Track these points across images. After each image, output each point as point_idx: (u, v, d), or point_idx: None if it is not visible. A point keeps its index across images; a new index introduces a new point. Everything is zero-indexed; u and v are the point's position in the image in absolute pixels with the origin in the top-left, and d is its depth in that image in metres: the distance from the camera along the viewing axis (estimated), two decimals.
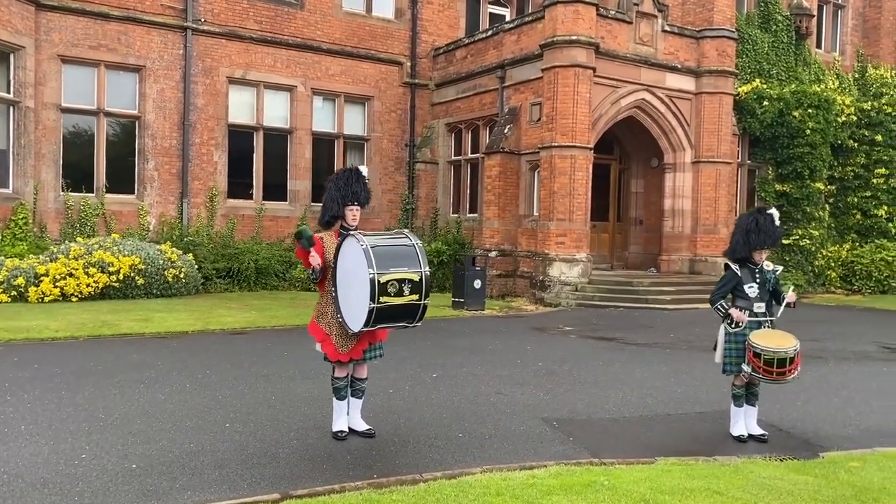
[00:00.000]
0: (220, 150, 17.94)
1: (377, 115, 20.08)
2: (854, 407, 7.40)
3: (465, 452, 5.56)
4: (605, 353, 10.15)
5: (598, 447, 5.87)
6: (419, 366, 8.70)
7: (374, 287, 5.15)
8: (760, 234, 6.19)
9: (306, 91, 18.99)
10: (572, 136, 16.29)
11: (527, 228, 17.68)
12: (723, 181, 18.63)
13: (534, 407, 7.00)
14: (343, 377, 5.79)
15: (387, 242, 5.48)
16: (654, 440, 6.16)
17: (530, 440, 5.96)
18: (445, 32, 20.80)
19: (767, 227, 6.20)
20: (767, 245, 6.22)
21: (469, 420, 6.43)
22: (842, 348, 11.11)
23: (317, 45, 19.01)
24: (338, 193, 5.74)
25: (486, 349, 10.12)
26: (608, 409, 7.05)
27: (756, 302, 6.30)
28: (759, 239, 6.20)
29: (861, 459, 5.58)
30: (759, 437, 6.28)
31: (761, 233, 6.19)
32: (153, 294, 14.66)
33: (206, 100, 17.67)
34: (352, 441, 5.69)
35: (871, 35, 23.89)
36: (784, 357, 5.98)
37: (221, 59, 17.86)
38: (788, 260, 21.06)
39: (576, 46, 16.15)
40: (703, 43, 18.53)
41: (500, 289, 17.72)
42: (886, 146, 22.08)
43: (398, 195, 20.52)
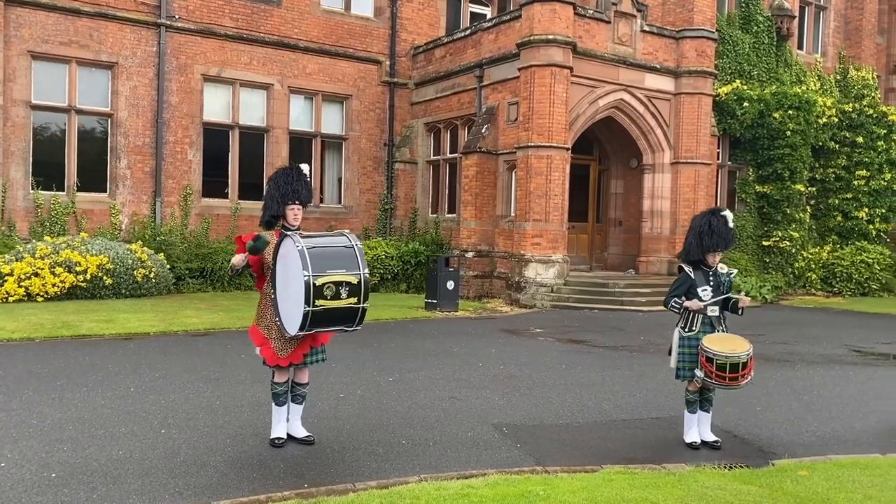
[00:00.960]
0: (195, 148, 17.72)
1: (355, 114, 19.90)
2: (814, 413, 7.28)
3: (406, 460, 5.40)
4: (571, 357, 10.01)
5: (545, 454, 5.72)
6: (377, 369, 8.54)
7: (309, 290, 4.99)
8: (713, 236, 6.07)
9: (283, 89, 18.79)
10: (549, 136, 16.15)
11: (504, 229, 17.54)
12: (702, 182, 18.53)
13: (486, 412, 6.85)
14: (283, 382, 5.63)
15: (325, 243, 5.32)
16: (604, 447, 6.02)
17: (476, 447, 5.81)
18: (425, 31, 20.63)
19: (720, 229, 6.08)
20: (720, 247, 6.10)
21: (416, 426, 6.27)
22: (811, 351, 11.00)
23: (294, 43, 18.81)
24: (278, 192, 5.57)
25: (450, 352, 9.97)
26: (562, 415, 6.90)
27: (710, 305, 6.17)
28: (713, 241, 6.07)
29: (810, 468, 5.45)
30: (712, 443, 6.15)
31: (714, 235, 6.06)
32: (122, 294, 14.44)
33: (180, 97, 17.45)
34: (289, 448, 5.53)
35: (852, 37, 23.87)
36: (737, 362, 5.84)
37: (196, 56, 17.64)
38: (769, 261, 21.02)
39: (552, 46, 16.01)
40: (683, 43, 18.43)
41: (477, 290, 17.58)
42: (867, 148, 22.04)
43: (377, 195, 20.35)
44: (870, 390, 8.36)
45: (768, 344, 11.60)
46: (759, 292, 18.42)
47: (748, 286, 18.38)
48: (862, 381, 8.85)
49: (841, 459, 5.73)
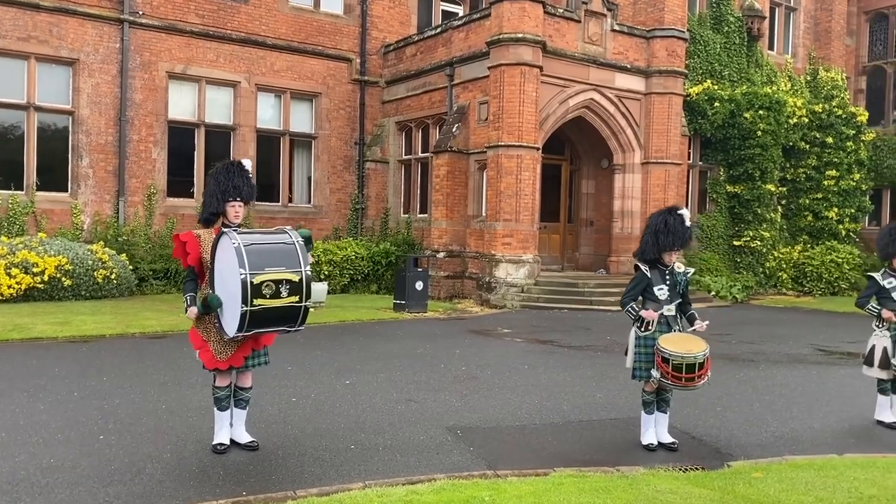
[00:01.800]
0: (160, 147, 17.38)
1: (325, 113, 19.66)
2: (774, 413, 7.20)
3: (352, 466, 5.22)
4: (535, 357, 9.89)
5: (498, 457, 5.57)
6: (335, 372, 8.35)
7: (247, 289, 4.80)
8: (669, 234, 5.96)
9: (250, 87, 18.51)
10: (519, 136, 16.04)
11: (475, 229, 17.40)
12: (672, 182, 18.52)
13: (442, 415, 6.69)
14: (224, 386, 5.43)
15: (264, 240, 5.13)
16: (559, 449, 5.89)
17: (427, 451, 5.64)
18: (396, 29, 20.44)
19: (676, 228, 5.96)
20: (677, 246, 5.99)
21: (368, 430, 6.10)
22: (777, 351, 10.97)
23: (262, 41, 18.53)
24: (217, 188, 5.37)
25: (413, 353, 9.80)
26: (520, 417, 6.76)
27: (666, 304, 6.07)
28: (668, 240, 5.96)
29: (765, 470, 5.35)
30: (668, 445, 6.04)
31: (670, 234, 5.95)
32: (81, 296, 14.10)
33: (144, 95, 17.11)
34: (232, 455, 5.33)
35: (822, 38, 24.03)
36: (693, 362, 5.73)
37: (161, 53, 17.31)
38: (740, 261, 21.09)
39: (522, 44, 15.90)
40: (653, 43, 18.42)
41: (448, 290, 17.42)
42: (837, 148, 22.21)
43: (347, 194, 20.12)
44: (831, 389, 8.32)
45: (734, 343, 11.56)
46: (730, 292, 18.45)
47: (718, 286, 18.42)
48: (824, 381, 8.81)
49: (797, 460, 5.64)
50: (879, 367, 6.76)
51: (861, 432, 6.65)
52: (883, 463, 5.56)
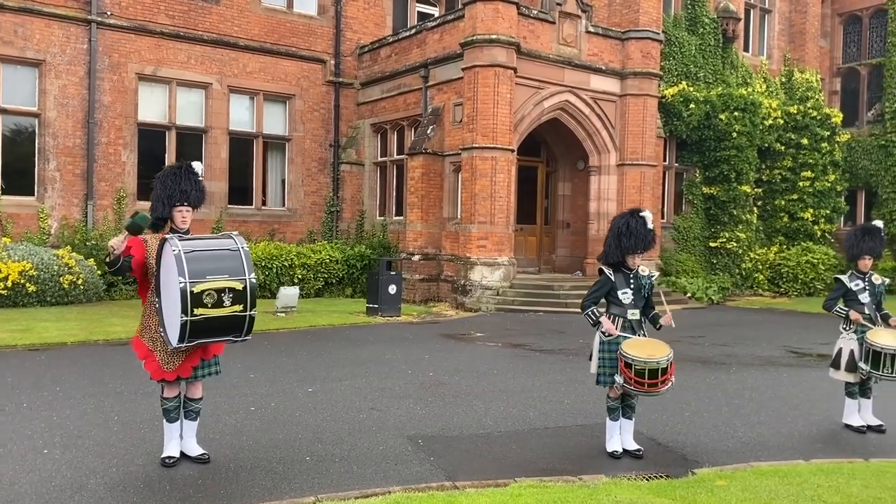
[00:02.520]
0: (129, 149, 17.09)
1: (299, 115, 19.44)
2: (742, 417, 7.11)
3: (306, 479, 5.05)
4: (505, 362, 9.75)
5: (458, 468, 5.42)
6: (299, 379, 8.16)
7: (186, 298, 4.62)
8: (632, 237, 5.85)
9: (222, 89, 18.26)
10: (493, 138, 15.93)
11: (450, 231, 17.26)
12: (647, 184, 18.49)
13: (404, 423, 6.53)
14: (173, 397, 5.24)
15: (206, 246, 4.95)
16: (522, 458, 5.75)
17: (386, 462, 5.48)
18: (371, 31, 20.27)
19: (639, 231, 5.85)
20: (639, 249, 5.87)
21: (326, 441, 5.93)
22: (749, 353, 10.92)
23: (234, 42, 18.30)
24: (164, 192, 5.18)
25: (381, 359, 9.63)
26: (485, 424, 6.62)
27: (630, 309, 5.95)
28: (631, 243, 5.85)
29: (729, 477, 5.24)
30: (634, 452, 5.92)
31: (632, 236, 5.84)
32: (47, 302, 13.80)
33: (113, 97, 16.81)
34: (181, 468, 5.14)
35: (797, 39, 24.15)
36: (656, 367, 5.61)
37: (130, 54, 17.03)
38: (716, 262, 21.11)
39: (496, 46, 15.79)
40: (628, 44, 18.39)
41: (424, 293, 17.26)
42: (812, 150, 22.31)
43: (322, 197, 19.91)
44: (801, 392, 8.25)
45: (707, 346, 11.51)
46: (706, 293, 18.45)
47: (694, 287, 18.41)
48: (795, 384, 8.75)
49: (763, 467, 5.54)
50: (846, 371, 6.69)
51: (829, 437, 6.58)
52: (848, 469, 5.47)
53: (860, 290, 6.75)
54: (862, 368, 6.56)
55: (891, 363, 6.36)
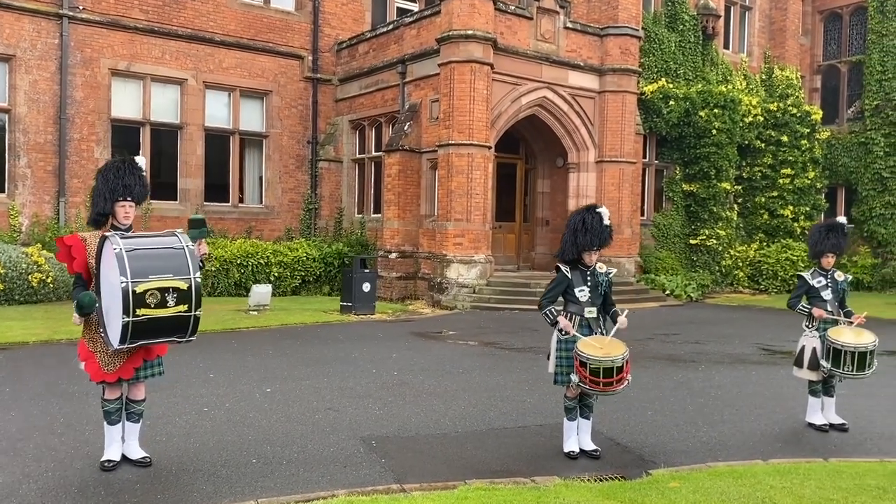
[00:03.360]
0: (103, 145, 16.85)
1: (276, 111, 19.25)
2: (705, 416, 7.03)
3: (248, 482, 4.92)
4: (473, 360, 9.64)
5: (408, 470, 5.30)
6: (259, 379, 8.02)
7: (128, 298, 4.48)
8: (587, 234, 5.74)
9: (198, 84, 18.05)
10: (469, 134, 15.81)
11: (427, 229, 17.13)
12: (626, 181, 18.43)
13: (361, 424, 6.41)
14: (114, 399, 5.10)
15: (149, 244, 4.80)
16: (477, 459, 5.64)
17: (335, 464, 5.36)
18: (350, 26, 20.09)
19: (595, 227, 5.74)
20: (595, 245, 5.76)
21: (276, 443, 5.79)
22: (720, 351, 10.86)
23: (209, 37, 18.07)
24: (106, 187, 5.04)
25: (348, 358, 9.50)
26: (442, 425, 6.51)
27: (587, 306, 5.85)
28: (587, 239, 5.74)
29: (684, 478, 5.15)
30: (591, 452, 5.82)
31: (588, 233, 5.73)
32: (14, 300, 13.58)
33: (85, 93, 16.58)
34: (121, 472, 4.99)
35: (777, 37, 24.16)
36: (611, 366, 5.51)
37: (103, 49, 16.79)
38: (696, 260, 21.09)
39: (472, 41, 15.67)
40: (607, 41, 18.31)
41: (401, 291, 17.13)
42: (792, 147, 22.33)
43: (300, 194, 19.73)
44: (768, 391, 8.18)
45: (679, 343, 11.44)
46: (685, 291, 18.40)
47: (673, 284, 18.36)
48: (762, 382, 8.69)
49: (719, 468, 5.46)
50: (809, 369, 6.62)
51: (791, 436, 6.50)
52: (804, 469, 5.39)
53: (822, 287, 6.68)
54: (823, 366, 6.49)
55: (852, 361, 6.30)
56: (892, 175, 22.74)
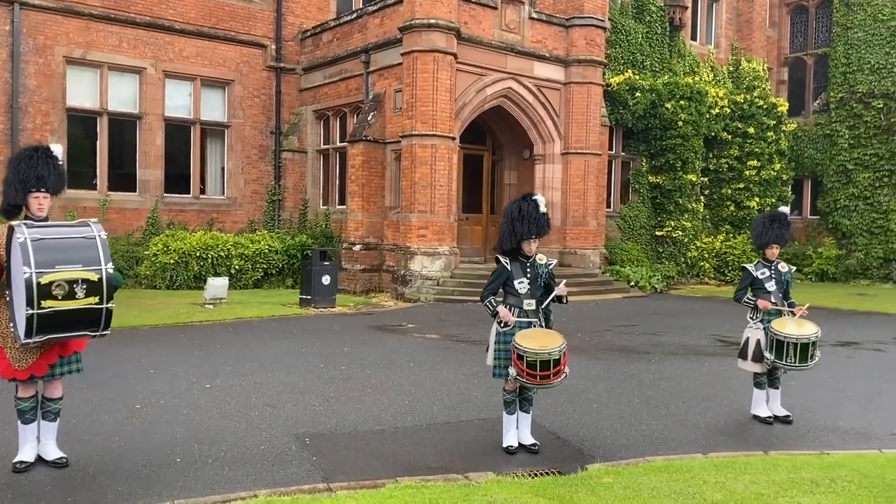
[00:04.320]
0: (57, 136, 16.40)
1: (238, 100, 18.93)
2: (651, 409, 6.95)
3: (168, 483, 4.75)
4: (426, 353, 9.51)
5: (339, 468, 5.15)
6: (201, 374, 7.82)
7: (32, 289, 4.28)
8: (524, 221, 5.62)
9: (157, 73, 17.67)
10: (433, 125, 15.63)
11: (392, 221, 16.95)
12: (591, 173, 18.37)
13: (298, 421, 6.24)
14: (28, 397, 4.90)
15: (57, 234, 4.59)
16: (413, 455, 5.50)
17: (262, 462, 5.20)
18: (314, 15, 19.81)
19: (531, 213, 5.62)
20: (534, 233, 5.64)
21: (205, 441, 5.61)
22: (676, 342, 10.83)
23: (169, 25, 17.70)
24: (17, 177, 4.81)
25: (298, 352, 9.32)
26: (383, 420, 6.36)
27: (526, 299, 5.73)
28: (524, 227, 5.62)
29: (618, 473, 5.06)
30: (529, 447, 5.72)
31: (524, 220, 5.61)
32: None
33: (39, 81, 16.16)
34: (33, 474, 4.79)
35: (744, 29, 24.21)
36: (547, 359, 5.40)
37: (57, 36, 16.37)
38: (662, 251, 21.12)
39: (435, 30, 15.48)
40: (572, 31, 18.20)
41: (365, 284, 16.95)
42: (758, 139, 22.40)
43: (263, 185, 19.45)
44: (717, 382, 8.14)
45: (637, 335, 11.40)
46: (649, 282, 18.41)
47: (637, 276, 18.36)
48: (714, 373, 8.65)
49: (657, 462, 5.37)
50: (753, 361, 6.56)
51: (735, 429, 6.45)
52: (742, 463, 5.32)
53: (766, 279, 6.62)
54: (767, 358, 6.43)
55: (794, 353, 6.25)
56: (856, 167, 22.94)
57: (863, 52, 22.73)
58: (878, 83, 22.44)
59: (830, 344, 10.83)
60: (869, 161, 22.74)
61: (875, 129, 22.60)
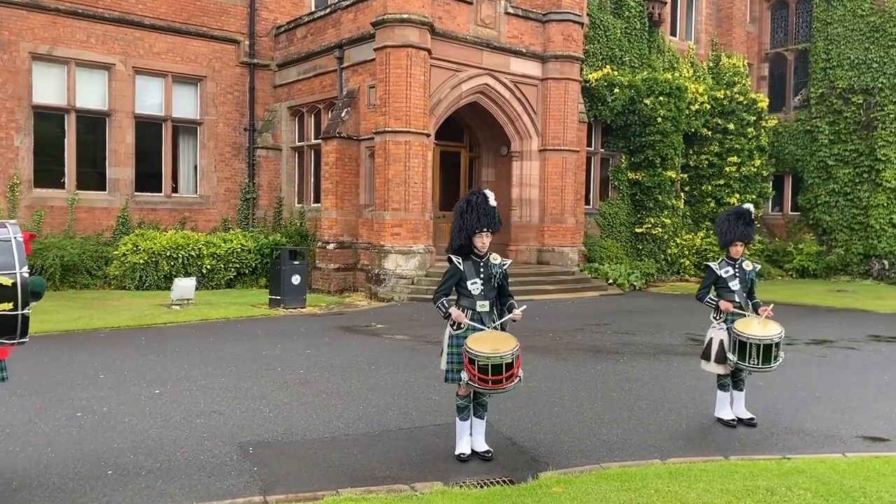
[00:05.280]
0: (23, 133, 16.09)
1: (211, 97, 18.61)
2: (614, 412, 6.76)
3: (95, 496, 4.50)
4: (391, 355, 9.29)
5: (279, 479, 4.92)
6: (152, 379, 7.56)
7: None
8: (473, 212, 5.40)
9: (127, 70, 17.33)
10: (406, 121, 15.39)
11: (367, 219, 16.71)
12: (569, 169, 18.19)
13: (244, 428, 6.00)
14: None
15: None
16: (361, 464, 5.28)
17: (199, 474, 4.96)
18: (289, 10, 19.52)
19: (481, 206, 5.40)
20: (485, 226, 5.40)
21: (143, 451, 5.37)
22: (648, 341, 10.65)
23: (138, 20, 17.37)
24: None
25: (258, 355, 9.07)
26: (334, 427, 6.13)
27: (479, 300, 5.51)
28: (473, 219, 5.39)
29: (569, 482, 4.85)
30: (483, 454, 5.51)
31: (474, 212, 5.39)
32: None
33: (3, 77, 15.79)
34: None
35: (724, 24, 24.09)
36: (499, 363, 5.18)
37: (22, 32, 16.00)
38: (642, 248, 20.98)
39: (408, 25, 15.23)
40: (549, 27, 18.00)
41: (339, 283, 16.70)
42: (738, 135, 22.30)
43: (237, 183, 19.15)
44: (685, 384, 7.96)
45: (608, 334, 11.22)
46: (627, 280, 18.25)
47: (616, 273, 18.20)
48: (681, 374, 8.47)
49: (611, 469, 5.17)
50: (716, 362, 6.37)
51: (696, 432, 6.26)
52: (699, 469, 5.13)
53: (730, 278, 6.44)
54: (730, 359, 6.25)
55: (757, 354, 6.07)
56: (836, 163, 22.88)
57: (843, 48, 22.67)
58: (857, 79, 22.39)
59: (804, 342, 10.71)
60: (849, 157, 22.69)
61: (855, 124, 22.56)
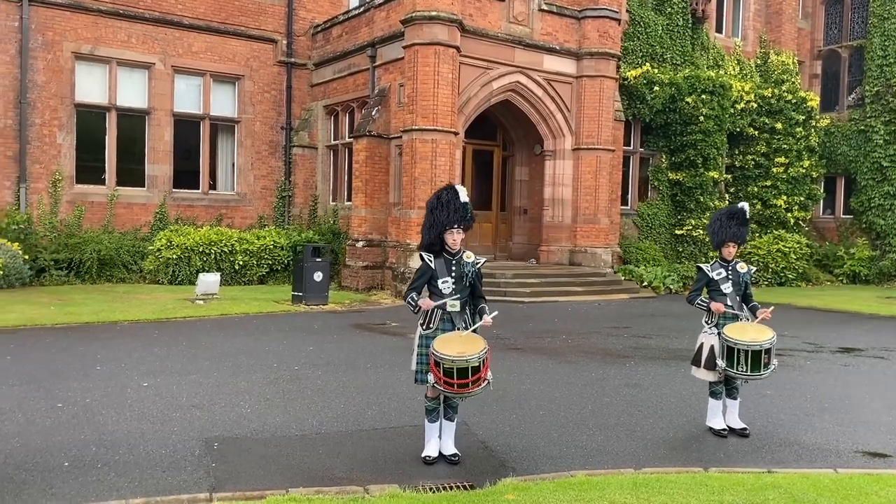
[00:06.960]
0: (66, 131, 16.60)
1: (248, 96, 18.88)
2: (600, 418, 6.51)
3: (42, 488, 4.54)
4: (391, 354, 9.19)
5: (232, 476, 4.88)
6: (146, 372, 7.64)
7: None
8: (444, 209, 5.25)
9: (166, 69, 17.72)
10: (433, 120, 15.28)
11: (395, 217, 16.67)
12: (603, 169, 17.79)
13: (217, 423, 6.00)
14: None
15: None
16: (321, 464, 5.20)
17: (155, 468, 4.95)
18: (326, 9, 19.65)
19: (452, 202, 5.25)
20: (455, 222, 5.25)
21: (107, 443, 5.40)
22: (661, 346, 10.28)
23: (178, 20, 17.73)
24: None
25: (259, 351, 9.09)
26: (307, 425, 6.07)
27: (450, 298, 5.36)
28: (444, 215, 5.25)
29: (524, 490, 4.67)
30: (450, 458, 5.38)
31: (444, 208, 5.24)
32: None
33: (47, 76, 16.32)
34: None
35: (773, 20, 23.23)
36: (465, 366, 5.04)
37: (66, 32, 16.51)
38: (682, 250, 20.41)
39: (436, 23, 15.12)
40: (585, 23, 17.65)
41: (367, 281, 16.71)
42: (786, 134, 21.50)
43: (273, 181, 19.37)
44: (685, 390, 7.62)
45: (625, 337, 10.89)
46: (663, 282, 17.74)
47: (651, 276, 17.72)
48: (686, 380, 8.04)
49: (578, 477, 4.95)
50: (706, 368, 6.07)
51: (684, 441, 5.98)
52: (668, 480, 4.87)
53: (722, 280, 6.13)
54: (719, 365, 5.94)
55: (746, 360, 5.75)
56: (891, 164, 21.81)
57: None
58: None
59: (830, 350, 10.19)
60: None
61: None
